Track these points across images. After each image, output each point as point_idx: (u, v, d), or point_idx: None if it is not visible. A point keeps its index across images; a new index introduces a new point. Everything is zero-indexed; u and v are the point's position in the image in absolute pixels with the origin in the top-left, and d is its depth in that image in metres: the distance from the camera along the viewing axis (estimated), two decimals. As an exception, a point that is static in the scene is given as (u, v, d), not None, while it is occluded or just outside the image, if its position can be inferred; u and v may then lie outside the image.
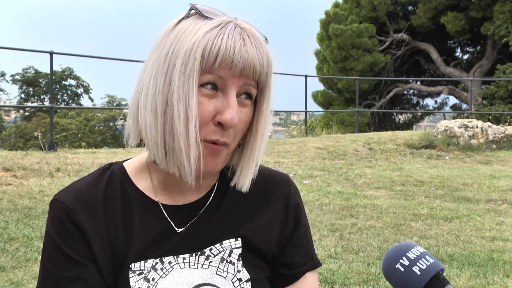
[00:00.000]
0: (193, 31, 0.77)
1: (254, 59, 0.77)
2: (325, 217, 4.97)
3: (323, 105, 25.16)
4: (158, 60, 0.79)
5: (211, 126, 0.79)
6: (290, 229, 0.93)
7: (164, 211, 0.88)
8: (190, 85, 0.76)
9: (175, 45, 0.78)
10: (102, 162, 6.25)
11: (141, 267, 0.83)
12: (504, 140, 10.15)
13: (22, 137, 23.53)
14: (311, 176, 7.04)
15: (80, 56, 9.78)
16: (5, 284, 3.06)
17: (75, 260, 0.82)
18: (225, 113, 0.78)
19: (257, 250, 0.89)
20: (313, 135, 11.41)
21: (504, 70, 19.20)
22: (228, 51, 0.75)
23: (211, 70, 0.77)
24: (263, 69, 0.79)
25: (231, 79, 0.78)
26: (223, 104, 0.78)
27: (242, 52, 0.76)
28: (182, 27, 0.79)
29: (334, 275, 3.36)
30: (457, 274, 3.47)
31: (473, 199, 6.03)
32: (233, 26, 0.78)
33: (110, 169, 0.91)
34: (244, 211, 0.92)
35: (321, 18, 24.18)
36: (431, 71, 26.53)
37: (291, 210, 0.95)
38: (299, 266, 0.92)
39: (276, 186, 0.96)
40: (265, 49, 0.79)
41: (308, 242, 0.96)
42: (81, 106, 33.54)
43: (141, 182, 0.89)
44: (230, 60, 0.76)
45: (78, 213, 0.83)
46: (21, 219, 4.22)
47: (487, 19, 21.09)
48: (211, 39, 0.76)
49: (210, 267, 0.86)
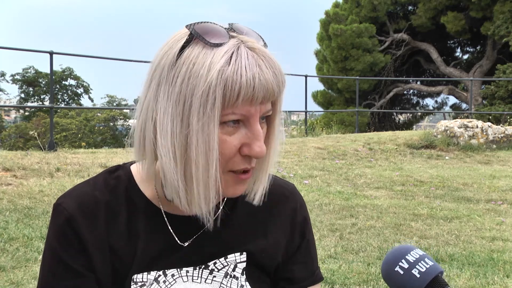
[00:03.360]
0: (205, 65, 0.72)
1: (272, 84, 0.74)
2: (325, 217, 4.97)
3: (323, 105, 25.15)
4: (171, 98, 0.74)
5: (238, 157, 0.77)
6: (295, 244, 0.93)
7: (169, 222, 0.86)
8: (210, 128, 0.72)
9: (187, 82, 0.72)
10: (102, 162, 6.25)
11: (143, 279, 0.83)
12: (504, 140, 10.15)
13: (22, 137, 23.51)
14: (311, 176, 7.04)
15: (80, 56, 9.77)
16: (5, 284, 3.06)
17: (74, 270, 0.81)
18: (254, 146, 0.75)
19: (261, 265, 0.89)
20: (313, 135, 11.41)
21: (504, 70, 19.19)
22: (249, 86, 0.72)
23: (231, 107, 0.73)
24: (280, 90, 0.77)
25: (252, 111, 0.75)
26: (249, 136, 0.76)
27: (262, 82, 0.73)
28: (189, 58, 0.73)
29: (334, 275, 3.36)
30: (457, 274, 3.46)
31: (473, 199, 6.03)
32: (245, 52, 0.73)
33: (116, 174, 0.89)
34: (251, 225, 0.90)
35: (321, 18, 24.17)
36: (431, 71, 26.52)
37: (298, 226, 0.94)
38: (300, 281, 0.92)
39: (283, 200, 0.94)
40: (279, 68, 0.76)
41: (311, 256, 0.95)
42: (81, 106, 33.54)
43: (148, 190, 0.87)
44: (251, 94, 0.72)
45: (80, 222, 0.82)
46: (21, 219, 4.22)
47: (487, 19, 21.08)
48: (230, 75, 0.71)
49: (214, 282, 0.85)
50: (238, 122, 0.76)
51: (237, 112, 0.74)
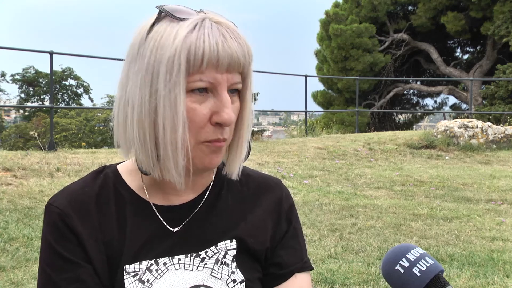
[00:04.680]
0: (171, 35, 0.76)
1: (237, 53, 0.77)
2: (325, 217, 4.97)
3: (323, 105, 25.16)
4: (140, 69, 0.78)
5: (209, 127, 0.79)
6: (283, 230, 0.95)
7: (157, 211, 0.88)
8: (176, 93, 0.75)
9: (155, 52, 0.76)
10: (102, 162, 6.26)
11: (135, 269, 0.84)
12: (504, 140, 10.15)
13: (22, 137, 23.51)
14: (311, 176, 7.04)
15: (80, 56, 9.76)
16: (5, 284, 3.06)
17: (72, 262, 0.82)
18: (222, 114, 0.78)
19: (250, 251, 0.90)
20: (313, 135, 11.41)
21: (504, 70, 19.19)
22: (212, 50, 0.75)
23: (197, 73, 0.76)
24: (246, 60, 0.80)
25: (219, 78, 0.77)
26: (217, 105, 0.79)
27: (225, 49, 0.76)
28: (157, 32, 0.77)
29: (334, 275, 3.36)
30: (457, 274, 3.47)
31: (473, 199, 6.03)
32: (209, 23, 0.77)
33: (104, 172, 0.91)
34: (238, 212, 0.92)
35: (321, 18, 24.17)
36: (431, 71, 26.52)
37: (284, 212, 0.96)
38: (289, 266, 0.93)
39: (269, 188, 0.97)
40: (244, 40, 0.79)
41: (299, 244, 0.96)
42: (81, 106, 33.54)
43: (134, 183, 0.90)
44: (215, 59, 0.76)
45: (72, 217, 0.84)
46: (21, 219, 4.22)
47: (487, 19, 21.08)
48: (193, 42, 0.75)
49: (205, 268, 0.87)
50: (207, 91, 0.78)
51: (204, 79, 0.77)
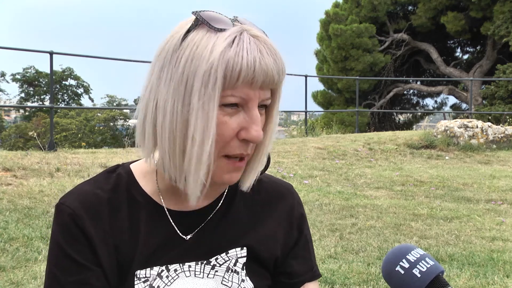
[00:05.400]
0: (207, 47, 0.74)
1: (272, 71, 0.76)
2: (325, 217, 4.97)
3: (323, 105, 25.16)
4: (173, 78, 0.76)
5: (235, 142, 0.78)
6: (293, 239, 0.94)
7: (171, 217, 0.87)
8: (210, 106, 0.74)
9: (190, 63, 0.75)
10: (102, 162, 6.25)
11: (146, 275, 0.83)
12: (504, 140, 10.15)
13: (22, 137, 23.52)
14: (311, 176, 7.04)
15: (80, 56, 9.78)
16: (5, 284, 3.06)
17: (81, 265, 0.82)
18: (251, 130, 0.77)
19: (260, 259, 0.90)
20: (313, 135, 11.41)
21: (504, 70, 19.20)
22: (249, 68, 0.74)
23: (231, 88, 0.75)
24: (279, 78, 0.79)
25: (251, 95, 0.76)
26: (247, 121, 0.77)
27: (262, 67, 0.75)
28: (193, 41, 0.76)
29: (334, 275, 3.36)
30: (457, 274, 3.47)
31: (473, 199, 6.03)
32: (247, 37, 0.75)
33: (117, 172, 0.90)
34: (250, 219, 0.92)
35: (321, 18, 24.17)
36: (431, 71, 26.52)
37: (295, 220, 0.95)
38: (299, 275, 0.93)
39: (280, 196, 0.96)
40: (279, 56, 0.78)
41: (309, 253, 0.96)
42: (81, 106, 33.56)
43: (148, 186, 0.88)
44: (251, 77, 0.74)
45: (83, 218, 0.83)
46: (21, 219, 4.22)
47: (487, 19, 21.08)
48: (232, 57, 0.73)
49: (216, 276, 0.86)
50: (237, 106, 0.77)
51: (237, 95, 0.76)
